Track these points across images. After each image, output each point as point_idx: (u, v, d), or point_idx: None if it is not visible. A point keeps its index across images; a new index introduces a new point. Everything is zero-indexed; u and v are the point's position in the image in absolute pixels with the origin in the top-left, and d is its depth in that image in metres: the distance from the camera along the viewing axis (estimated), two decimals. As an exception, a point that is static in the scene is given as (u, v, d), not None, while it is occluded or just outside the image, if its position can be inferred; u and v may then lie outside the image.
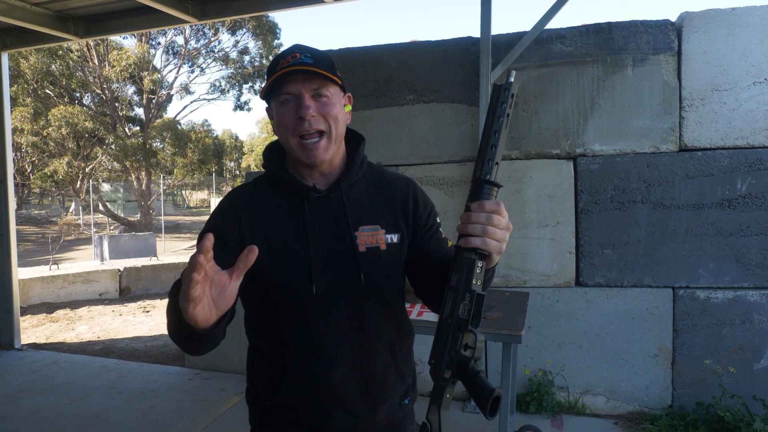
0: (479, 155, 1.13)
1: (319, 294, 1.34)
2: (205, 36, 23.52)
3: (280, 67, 1.30)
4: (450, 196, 4.21)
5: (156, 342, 6.38)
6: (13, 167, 6.05)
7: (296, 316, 1.37)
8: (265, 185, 1.44)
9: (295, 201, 1.38)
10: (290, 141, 1.34)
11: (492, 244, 1.11)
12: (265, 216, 1.38)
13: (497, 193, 1.13)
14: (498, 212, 1.11)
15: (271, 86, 1.33)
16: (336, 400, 1.39)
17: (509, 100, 1.11)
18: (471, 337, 1.13)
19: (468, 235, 1.11)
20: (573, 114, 3.95)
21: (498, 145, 1.11)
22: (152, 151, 23.52)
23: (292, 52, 1.33)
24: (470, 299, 1.12)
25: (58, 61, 20.91)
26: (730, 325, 3.76)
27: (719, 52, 3.71)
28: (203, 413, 4.09)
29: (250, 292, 1.41)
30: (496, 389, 1.05)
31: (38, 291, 8.55)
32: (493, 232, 1.10)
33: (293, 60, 1.31)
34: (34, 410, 4.24)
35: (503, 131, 1.11)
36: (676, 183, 3.80)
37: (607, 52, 3.89)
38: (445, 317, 1.15)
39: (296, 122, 1.31)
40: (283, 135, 1.35)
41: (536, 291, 4.04)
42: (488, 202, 1.11)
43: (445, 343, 1.15)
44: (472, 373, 1.10)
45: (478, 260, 1.12)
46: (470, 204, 1.12)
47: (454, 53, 4.21)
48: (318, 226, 1.37)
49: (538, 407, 3.97)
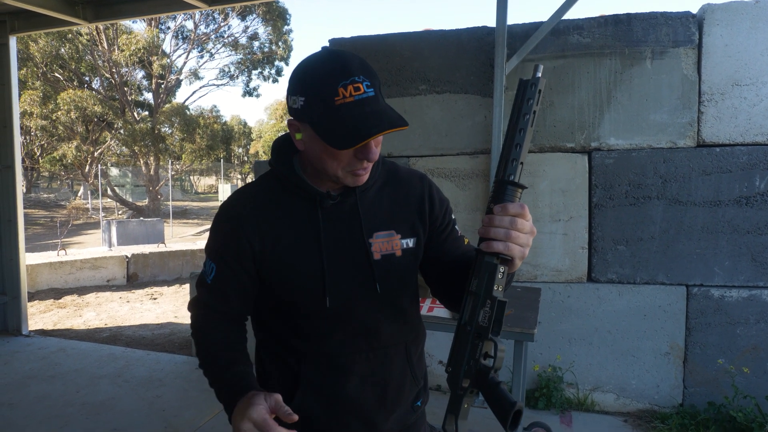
0: (503, 154, 1.08)
1: (333, 306, 1.29)
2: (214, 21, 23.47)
3: (341, 99, 1.12)
4: (461, 189, 4.15)
5: (163, 330, 6.37)
6: (21, 152, 6.02)
7: (310, 327, 1.33)
8: (273, 185, 1.35)
9: (307, 207, 1.30)
10: (337, 171, 1.22)
11: (515, 249, 1.06)
12: (276, 224, 1.30)
13: (521, 194, 1.08)
14: (522, 216, 1.06)
15: (335, 125, 1.14)
16: (351, 410, 1.35)
17: (536, 96, 1.05)
18: (491, 345, 1.09)
19: (490, 239, 1.06)
20: (589, 107, 3.88)
21: (523, 144, 1.06)
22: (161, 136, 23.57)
23: (351, 79, 1.13)
24: (491, 306, 1.07)
25: (67, 44, 20.92)
26: (744, 324, 3.70)
27: (741, 46, 3.63)
28: (210, 404, 4.07)
29: (261, 295, 1.37)
30: (518, 403, 1.01)
31: (46, 276, 8.56)
32: (517, 236, 1.06)
33: (357, 94, 1.13)
34: (41, 398, 4.23)
35: (529, 129, 1.06)
36: (693, 179, 3.72)
37: (625, 44, 3.80)
38: (464, 323, 1.11)
39: (354, 161, 1.20)
40: (330, 166, 1.22)
41: (547, 286, 3.98)
42: (512, 205, 1.06)
43: (464, 351, 1.11)
44: (492, 384, 1.06)
45: (500, 265, 1.07)
46: (493, 206, 1.07)
47: (468, 43, 4.13)
48: (331, 234, 1.30)
49: (547, 403, 3.93)
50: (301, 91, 1.17)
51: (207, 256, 1.35)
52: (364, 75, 1.15)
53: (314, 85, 1.15)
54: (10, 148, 5.79)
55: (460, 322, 1.12)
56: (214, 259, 1.32)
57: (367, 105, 1.13)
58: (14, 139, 5.78)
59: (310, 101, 1.15)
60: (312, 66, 1.18)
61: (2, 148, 5.82)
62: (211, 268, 1.32)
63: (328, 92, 1.12)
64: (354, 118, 1.12)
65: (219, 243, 1.33)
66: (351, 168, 1.21)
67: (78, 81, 22.69)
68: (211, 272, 1.32)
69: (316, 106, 1.15)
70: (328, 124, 1.14)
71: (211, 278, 1.32)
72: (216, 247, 1.33)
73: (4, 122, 5.77)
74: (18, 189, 5.87)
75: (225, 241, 1.31)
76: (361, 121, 1.12)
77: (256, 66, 24.96)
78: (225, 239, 1.31)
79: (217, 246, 1.33)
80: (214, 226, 1.35)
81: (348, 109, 1.12)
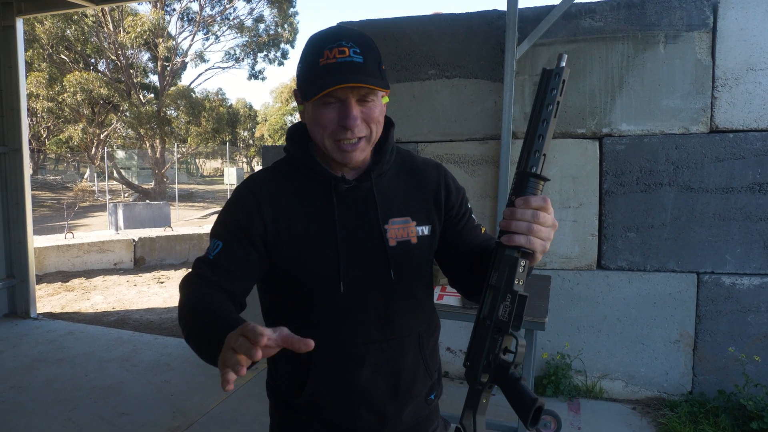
0: (525, 145, 1.05)
1: (347, 292, 1.27)
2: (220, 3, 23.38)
3: (325, 60, 1.15)
4: (471, 175, 4.12)
5: (170, 314, 6.39)
6: (28, 136, 6.01)
7: (322, 315, 1.30)
8: (287, 171, 1.33)
9: (321, 192, 1.29)
10: (325, 141, 1.22)
11: (537, 243, 1.04)
12: (290, 209, 1.28)
13: (543, 187, 1.05)
14: (545, 209, 1.03)
15: (310, 83, 1.18)
16: (363, 400, 1.33)
17: (560, 86, 1.02)
18: (511, 340, 1.07)
19: (512, 233, 1.04)
20: (600, 92, 3.83)
21: (546, 136, 1.03)
22: (166, 119, 23.58)
23: (338, 43, 1.16)
24: (512, 300, 1.05)
25: (73, 26, 20.88)
26: (755, 312, 3.67)
27: (756, 30, 3.56)
28: (218, 388, 4.09)
29: (271, 283, 1.35)
30: (539, 399, 0.99)
31: (54, 259, 8.60)
32: (539, 230, 1.03)
33: (341, 56, 1.15)
34: (49, 381, 4.26)
35: (552, 120, 1.03)
36: (705, 165, 3.68)
37: (638, 28, 3.74)
38: (484, 317, 1.09)
39: (337, 128, 1.20)
40: (318, 134, 1.23)
41: (557, 273, 3.96)
42: (534, 198, 1.03)
43: (483, 345, 1.08)
44: (513, 379, 1.04)
45: (522, 259, 1.05)
46: (515, 199, 1.05)
47: (478, 27, 4.08)
48: (346, 219, 1.28)
49: (555, 390, 3.93)
50: (301, 58, 1.23)
51: (212, 236, 1.30)
52: (355, 42, 1.18)
53: (307, 51, 1.21)
54: (17, 131, 5.78)
55: (479, 316, 1.10)
56: (221, 236, 1.27)
57: (347, 66, 1.15)
58: (21, 122, 5.77)
59: (303, 65, 1.21)
60: (314, 36, 1.23)
61: (9, 132, 5.81)
62: (216, 245, 1.27)
63: (315, 55, 1.17)
64: (330, 74, 1.14)
65: (229, 221, 1.29)
66: (335, 137, 1.21)
67: (84, 63, 22.67)
68: (216, 248, 1.26)
69: (304, 70, 1.21)
70: (307, 80, 1.19)
71: (214, 254, 1.25)
72: (226, 224, 1.29)
73: (11, 105, 5.76)
74: (25, 172, 5.87)
75: (237, 218, 1.28)
76: (335, 76, 1.14)
77: (262, 49, 24.87)
78: (237, 216, 1.28)
79: (228, 223, 1.29)
80: (227, 207, 1.32)
81: (327, 68, 1.15)
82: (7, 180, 5.88)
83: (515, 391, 1.03)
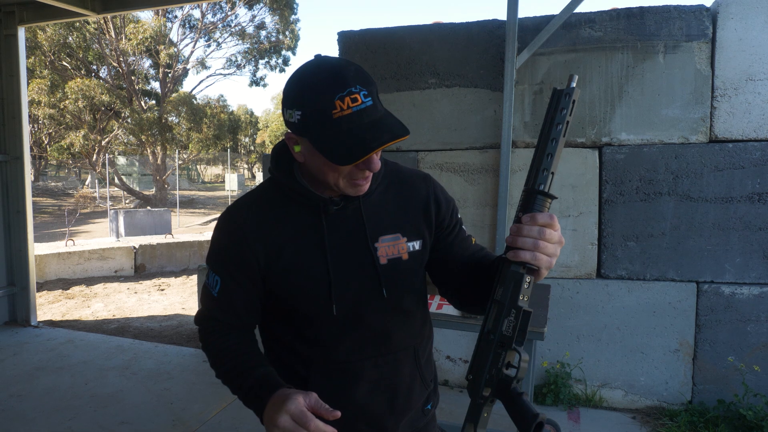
0: (533, 163, 1.07)
1: (340, 314, 1.28)
2: (221, 10, 23.42)
3: (339, 112, 1.09)
4: (470, 184, 4.13)
5: (170, 322, 6.39)
6: (29, 143, 6.03)
7: (317, 335, 1.32)
8: (272, 195, 1.32)
9: (310, 214, 1.28)
10: (339, 182, 1.20)
11: (542, 260, 1.05)
12: (278, 235, 1.27)
13: (550, 205, 1.06)
14: (551, 226, 1.05)
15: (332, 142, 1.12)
16: (361, 416, 1.34)
17: (569, 106, 1.04)
18: (514, 355, 1.08)
19: (518, 248, 1.05)
20: (600, 102, 3.84)
21: (555, 154, 1.05)
22: (168, 125, 23.62)
23: (348, 90, 1.10)
24: (516, 315, 1.06)
25: (74, 33, 20.95)
26: (755, 321, 3.68)
27: (756, 40, 3.58)
28: (217, 397, 4.09)
29: (267, 305, 1.36)
30: (540, 414, 1.00)
31: (54, 267, 8.61)
32: (545, 246, 1.04)
33: (355, 105, 1.09)
34: (50, 389, 4.25)
35: (561, 140, 1.04)
36: (705, 175, 3.69)
37: (637, 38, 3.76)
38: (488, 332, 1.10)
39: (355, 171, 1.18)
40: (331, 176, 1.20)
41: (556, 282, 3.96)
42: (541, 215, 1.04)
43: (486, 359, 1.10)
44: (514, 394, 1.06)
45: (527, 275, 1.07)
46: (521, 215, 1.06)
47: (478, 36, 4.09)
48: (336, 240, 1.28)
49: (555, 399, 3.93)
50: (297, 105, 1.13)
51: (210, 268, 1.33)
52: (361, 84, 1.11)
53: (310, 99, 1.12)
54: (19, 139, 5.79)
55: (483, 330, 1.11)
56: (218, 272, 1.31)
57: (366, 115, 1.11)
58: (23, 130, 5.79)
59: (307, 115, 1.12)
60: (306, 78, 1.14)
61: (11, 140, 5.82)
62: (216, 281, 1.31)
63: (325, 106, 1.09)
64: (354, 132, 1.10)
65: (222, 256, 1.31)
66: (352, 178, 1.19)
67: (86, 70, 22.73)
68: (216, 285, 1.31)
69: (313, 121, 1.12)
70: (327, 139, 1.11)
71: (216, 291, 1.31)
72: (220, 260, 1.32)
73: (12, 114, 5.77)
74: (27, 180, 5.89)
75: (228, 253, 1.30)
76: (361, 135, 1.10)
77: (263, 55, 24.91)
78: (228, 252, 1.30)
79: (221, 258, 1.31)
80: (217, 236, 1.33)
81: (347, 122, 1.10)
82: (8, 188, 5.88)
83: (517, 405, 1.04)
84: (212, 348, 1.34)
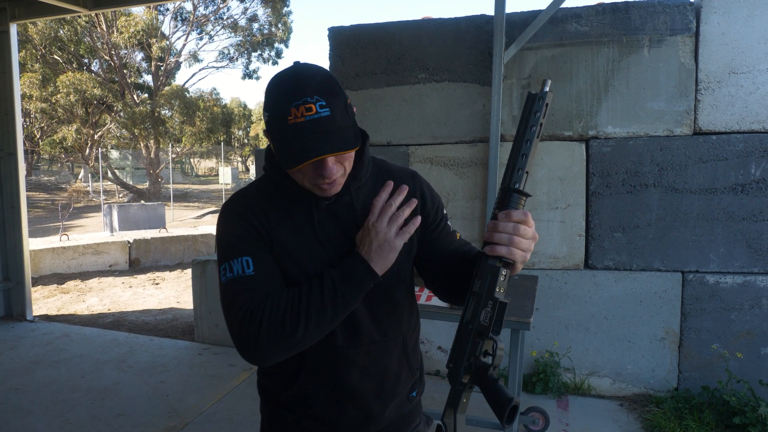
0: (509, 163, 1.13)
1: None
2: (213, 2, 23.31)
3: (293, 119, 1.16)
4: (460, 177, 4.19)
5: (165, 315, 6.45)
6: (22, 139, 6.05)
7: None
8: (269, 188, 1.37)
9: (303, 208, 1.33)
10: (304, 183, 1.27)
11: (517, 254, 1.12)
12: (278, 223, 1.33)
13: (525, 202, 1.13)
14: (525, 222, 1.12)
15: (283, 145, 1.20)
16: (350, 398, 1.41)
17: (543, 109, 1.10)
18: (491, 344, 1.15)
19: (494, 243, 1.12)
20: (586, 95, 3.90)
21: (529, 154, 1.11)
22: (161, 119, 23.53)
23: (303, 100, 1.16)
24: (493, 306, 1.13)
25: (66, 26, 20.83)
26: (738, 309, 3.76)
27: (738, 34, 3.64)
28: (213, 389, 4.15)
29: None
30: (514, 398, 1.07)
31: (49, 262, 8.64)
32: (519, 242, 1.11)
33: (309, 114, 1.16)
34: (46, 383, 4.31)
35: (535, 141, 1.11)
36: (689, 167, 3.76)
37: (623, 33, 3.82)
38: (466, 322, 1.17)
39: (315, 176, 1.24)
40: (296, 177, 1.27)
41: (545, 273, 4.04)
42: (516, 212, 1.12)
43: (465, 348, 1.17)
44: (491, 380, 1.12)
45: (503, 268, 1.13)
46: (497, 213, 1.13)
47: (467, 31, 4.14)
48: (329, 233, 1.34)
49: (544, 388, 4.01)
50: (266, 107, 1.23)
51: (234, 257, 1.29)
52: (320, 95, 1.17)
53: (273, 103, 1.20)
54: (12, 135, 5.82)
55: (462, 320, 1.17)
56: (245, 253, 1.29)
57: (318, 125, 1.16)
58: (16, 126, 5.81)
59: (271, 118, 1.21)
60: (275, 84, 1.22)
61: (4, 136, 5.85)
62: (246, 262, 1.28)
63: (283, 111, 1.17)
64: (302, 139, 1.16)
65: (239, 238, 1.31)
66: (314, 182, 1.25)
67: (77, 63, 22.63)
68: (249, 265, 1.28)
69: (273, 124, 1.20)
70: (281, 141, 1.20)
71: (252, 269, 1.27)
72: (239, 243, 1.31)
73: (5, 110, 5.80)
74: (20, 176, 5.92)
75: (244, 234, 1.31)
76: (308, 143, 1.16)
77: (256, 48, 24.82)
78: (244, 233, 1.31)
79: (239, 241, 1.31)
80: (224, 227, 1.35)
81: (298, 129, 1.16)
82: (2, 184, 5.92)
83: (493, 391, 1.11)
84: (279, 314, 1.24)
